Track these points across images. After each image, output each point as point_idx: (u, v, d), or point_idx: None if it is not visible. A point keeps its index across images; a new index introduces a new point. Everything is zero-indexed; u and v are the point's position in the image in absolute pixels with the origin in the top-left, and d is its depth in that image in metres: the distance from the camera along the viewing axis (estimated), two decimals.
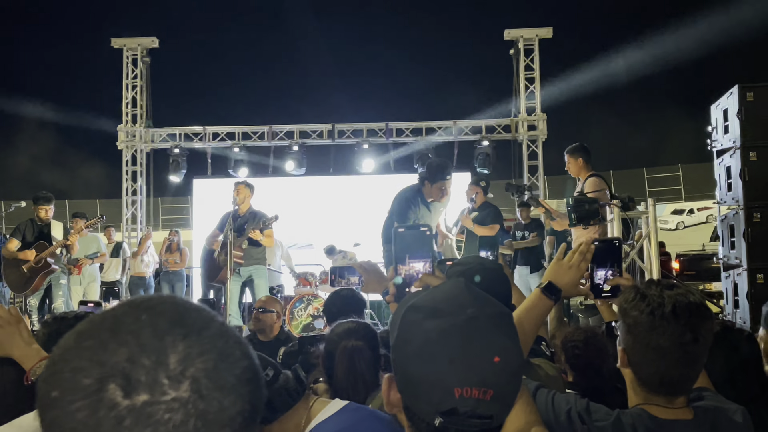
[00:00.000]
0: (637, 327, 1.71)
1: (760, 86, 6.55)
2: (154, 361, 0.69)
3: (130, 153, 13.93)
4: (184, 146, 13.81)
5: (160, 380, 0.68)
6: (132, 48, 13.89)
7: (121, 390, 0.67)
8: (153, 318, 0.73)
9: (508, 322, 1.19)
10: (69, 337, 0.73)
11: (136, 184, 14.00)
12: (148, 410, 0.67)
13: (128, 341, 0.70)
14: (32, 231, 8.01)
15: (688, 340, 1.68)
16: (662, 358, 1.68)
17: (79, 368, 0.69)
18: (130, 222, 13.94)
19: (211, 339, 0.73)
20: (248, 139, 13.90)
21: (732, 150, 6.66)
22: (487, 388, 1.09)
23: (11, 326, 1.95)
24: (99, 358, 0.69)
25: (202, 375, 0.70)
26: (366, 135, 13.76)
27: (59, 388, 0.69)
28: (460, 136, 13.72)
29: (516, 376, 1.16)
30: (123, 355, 0.69)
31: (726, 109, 6.78)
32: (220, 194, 12.78)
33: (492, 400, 1.09)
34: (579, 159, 6.65)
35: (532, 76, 13.58)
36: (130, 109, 13.92)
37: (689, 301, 1.71)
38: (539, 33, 13.60)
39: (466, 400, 1.09)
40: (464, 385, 1.09)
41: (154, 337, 0.71)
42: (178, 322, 0.73)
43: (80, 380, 0.68)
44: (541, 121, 13.50)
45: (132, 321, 0.72)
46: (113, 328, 0.72)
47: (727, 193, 6.80)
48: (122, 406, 0.67)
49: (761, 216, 6.36)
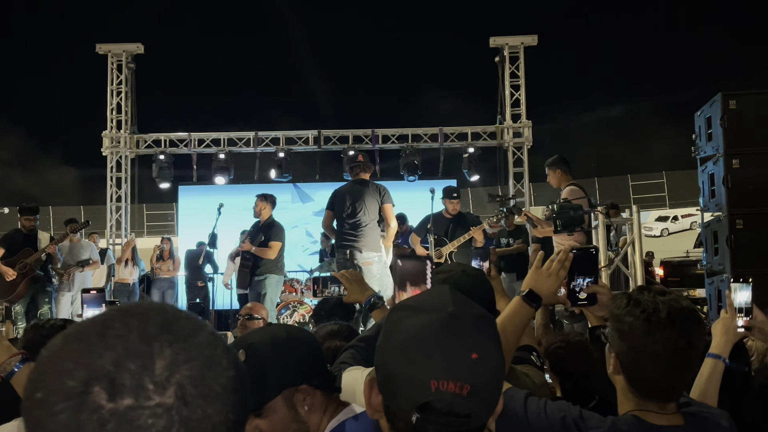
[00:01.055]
0: (632, 333, 1.72)
1: (743, 94, 6.61)
2: (139, 366, 0.69)
3: (115, 159, 13.84)
4: (169, 152, 13.75)
5: (145, 385, 0.68)
6: (117, 54, 13.82)
7: (106, 393, 0.67)
8: (141, 323, 0.73)
9: (489, 324, 1.22)
10: (57, 339, 0.73)
11: (120, 190, 13.92)
12: (132, 414, 0.67)
13: (115, 345, 0.70)
14: (18, 241, 8.10)
15: (682, 346, 1.69)
16: (657, 363, 1.69)
17: (65, 370, 0.69)
18: (115, 228, 13.85)
19: (198, 347, 0.73)
20: (234, 146, 13.86)
21: (715, 157, 6.72)
22: (463, 383, 1.11)
23: None
24: (85, 361, 0.69)
25: (188, 382, 0.70)
26: (352, 141, 13.75)
27: (44, 390, 0.69)
28: (445, 143, 13.74)
29: (495, 377, 1.17)
30: (109, 359, 0.69)
31: (709, 116, 6.84)
32: (206, 201, 12.77)
33: (469, 396, 1.11)
34: (557, 170, 6.78)
35: (518, 83, 13.63)
36: (115, 115, 13.84)
37: (683, 307, 1.73)
38: (524, 41, 13.65)
39: (442, 394, 1.10)
40: (440, 378, 1.11)
41: (141, 342, 0.71)
42: (167, 328, 0.73)
43: (65, 382, 0.68)
44: (526, 128, 13.54)
45: (120, 326, 0.72)
46: (101, 332, 0.72)
47: (711, 200, 6.85)
48: (106, 409, 0.67)
49: (744, 223, 6.42)
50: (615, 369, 1.77)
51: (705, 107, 6.97)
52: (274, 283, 8.28)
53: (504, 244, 10.02)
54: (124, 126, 13.82)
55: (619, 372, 1.76)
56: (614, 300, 1.84)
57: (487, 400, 1.15)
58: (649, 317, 1.69)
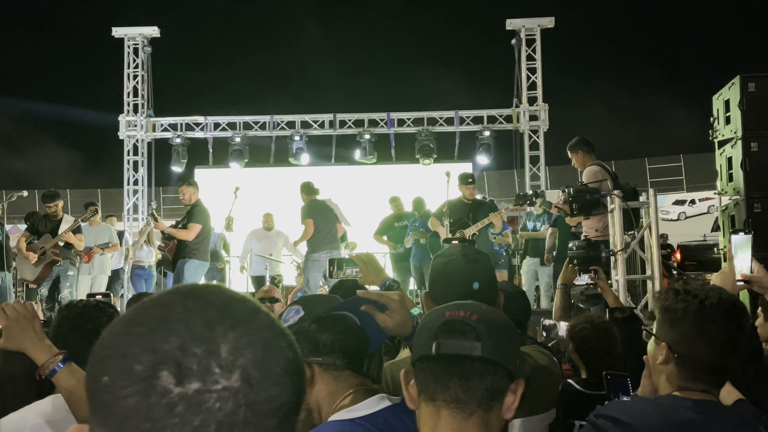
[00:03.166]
0: (686, 317, 1.75)
1: (762, 77, 6.54)
2: (205, 350, 0.70)
3: (132, 143, 13.93)
4: (186, 136, 13.81)
5: (211, 369, 0.69)
6: (133, 37, 13.87)
7: (173, 377, 0.68)
8: (201, 307, 0.73)
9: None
10: (118, 323, 0.74)
11: (137, 174, 14.01)
12: (200, 398, 0.68)
13: (179, 329, 0.71)
14: (44, 225, 8.40)
15: (733, 329, 1.75)
16: (711, 346, 1.73)
17: (130, 354, 0.69)
18: (132, 212, 13.96)
19: (259, 330, 0.74)
20: (249, 129, 13.90)
21: (733, 140, 6.66)
22: (472, 312, 1.38)
23: (27, 321, 2.00)
24: (150, 345, 0.69)
25: (252, 365, 0.71)
26: (367, 125, 13.75)
27: (110, 373, 0.69)
28: (461, 126, 13.70)
29: (501, 318, 1.44)
30: (174, 343, 0.69)
31: (728, 99, 6.77)
32: (222, 184, 12.81)
33: (477, 322, 1.36)
34: (579, 152, 6.70)
35: (534, 66, 13.55)
36: (132, 98, 13.92)
37: (729, 295, 1.81)
38: (541, 23, 13.56)
39: (455, 318, 1.37)
40: (452, 310, 1.40)
41: (204, 326, 0.71)
42: (227, 312, 0.74)
43: (131, 366, 0.69)
44: (542, 111, 13.48)
45: (181, 310, 0.73)
46: (163, 315, 0.72)
47: (728, 183, 6.80)
48: (174, 393, 0.67)
49: (762, 206, 6.37)
50: (666, 358, 1.78)
51: (723, 90, 6.90)
52: (193, 269, 8.19)
53: (531, 228, 9.99)
54: (141, 110, 13.89)
55: (669, 361, 1.77)
56: (661, 295, 1.88)
57: (494, 336, 1.35)
58: (702, 302, 1.74)
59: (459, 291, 2.04)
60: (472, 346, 1.32)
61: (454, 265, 2.14)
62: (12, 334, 1.99)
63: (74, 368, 1.96)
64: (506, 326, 1.41)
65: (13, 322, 1.98)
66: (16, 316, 1.99)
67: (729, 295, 1.79)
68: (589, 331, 3.22)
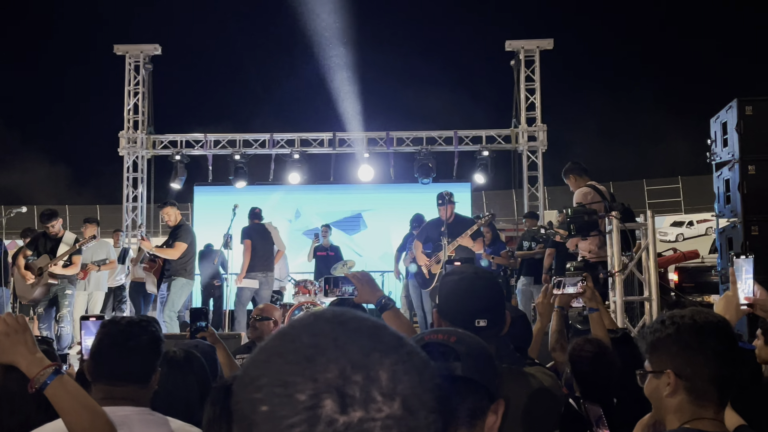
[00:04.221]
0: (682, 337, 1.77)
1: (759, 100, 6.58)
2: (365, 377, 0.69)
3: (131, 159, 13.95)
4: (185, 153, 13.84)
5: (374, 397, 0.68)
6: (134, 55, 13.93)
7: (337, 406, 0.67)
8: (352, 334, 0.73)
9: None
10: (266, 352, 0.73)
11: (136, 190, 14.03)
12: (364, 427, 0.67)
13: (337, 357, 0.70)
14: (44, 244, 8.27)
15: (729, 341, 1.78)
16: (714, 357, 1.74)
17: (291, 383, 0.69)
18: (131, 228, 13.95)
19: (410, 356, 0.74)
20: (249, 147, 13.93)
21: (731, 163, 6.69)
22: (450, 335, 1.43)
23: (18, 334, 1.97)
24: (311, 374, 0.69)
25: (410, 392, 0.70)
26: (367, 144, 13.79)
27: (270, 403, 0.69)
28: (460, 146, 13.75)
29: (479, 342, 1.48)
30: (334, 371, 0.69)
31: (725, 122, 6.82)
32: (221, 201, 12.82)
33: (456, 344, 1.40)
34: (570, 176, 6.77)
35: (533, 87, 13.62)
36: (132, 115, 13.95)
37: (712, 314, 1.86)
38: (540, 44, 13.64)
39: (434, 341, 1.41)
40: (431, 334, 1.45)
41: (360, 353, 0.71)
42: (376, 338, 0.73)
43: (294, 395, 0.68)
44: (541, 131, 13.53)
45: (334, 337, 0.72)
46: (317, 343, 0.71)
47: (726, 205, 6.83)
48: (340, 422, 0.67)
49: (759, 229, 6.39)
50: (674, 387, 1.76)
51: (721, 112, 6.94)
52: (180, 287, 8.28)
53: (526, 247, 10.01)
54: (141, 126, 13.93)
55: (677, 389, 1.76)
56: (647, 330, 1.88)
57: (473, 357, 1.39)
58: (693, 319, 1.78)
59: (470, 309, 2.06)
60: (453, 366, 1.37)
61: (465, 284, 2.15)
62: (2, 348, 1.96)
63: (66, 380, 1.94)
64: (483, 348, 1.46)
65: (3, 335, 1.96)
66: (7, 330, 1.96)
67: (711, 313, 1.84)
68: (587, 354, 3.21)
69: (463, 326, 1.98)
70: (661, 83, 53.86)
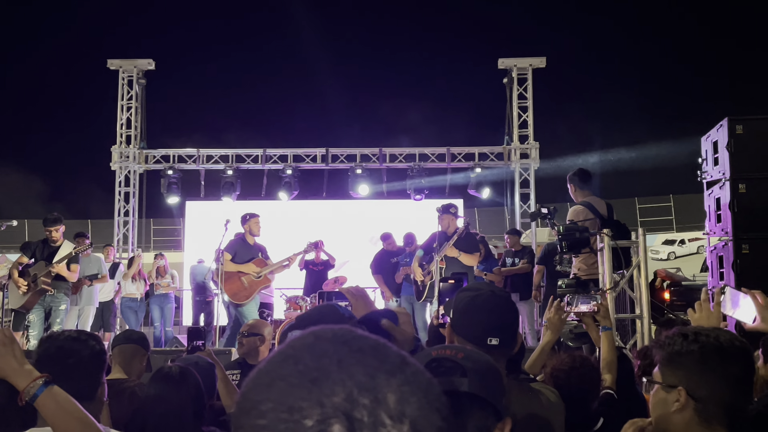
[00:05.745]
0: (706, 359, 1.71)
1: (750, 119, 6.63)
2: (372, 400, 0.68)
3: (124, 174, 13.93)
4: (178, 168, 13.83)
5: (382, 420, 0.67)
6: (128, 69, 13.94)
7: (346, 430, 0.66)
8: (355, 355, 0.71)
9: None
10: (267, 375, 0.71)
11: (128, 204, 13.99)
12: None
13: (343, 380, 0.68)
14: (41, 251, 8.08)
15: (750, 369, 1.75)
16: (734, 386, 1.69)
17: (297, 408, 0.67)
18: (122, 243, 13.90)
19: (415, 376, 0.72)
20: (242, 162, 13.94)
21: (721, 182, 6.73)
22: (457, 351, 1.43)
23: (5, 347, 1.95)
24: (317, 398, 0.67)
25: (418, 414, 0.69)
26: (359, 160, 13.81)
27: (275, 430, 0.67)
28: (452, 163, 13.79)
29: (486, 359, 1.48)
30: (341, 395, 0.67)
31: (716, 141, 6.86)
32: (213, 217, 12.80)
33: (463, 360, 1.39)
34: (571, 185, 6.66)
35: (525, 104, 13.68)
36: (125, 130, 13.94)
37: (734, 335, 1.79)
38: (533, 62, 13.72)
39: (442, 356, 1.41)
40: (439, 350, 1.44)
41: (366, 375, 0.69)
42: (381, 359, 0.72)
43: (301, 421, 0.66)
44: (533, 149, 13.58)
45: (338, 358, 0.70)
46: (320, 366, 0.70)
47: (717, 224, 6.85)
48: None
49: (750, 248, 6.41)
50: (684, 404, 1.71)
51: (712, 131, 6.98)
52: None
53: (509, 263, 10.02)
54: (134, 141, 13.92)
55: (687, 407, 1.71)
56: (664, 342, 1.81)
57: (480, 373, 1.38)
58: (719, 341, 1.72)
59: (484, 326, 2.07)
60: (459, 381, 1.35)
61: (481, 301, 2.15)
62: None
63: (56, 391, 1.92)
64: (491, 366, 1.44)
65: None
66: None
67: (734, 335, 1.77)
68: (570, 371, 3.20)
69: (475, 343, 1.99)
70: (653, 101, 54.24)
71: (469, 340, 2.05)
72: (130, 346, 3.88)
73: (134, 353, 3.86)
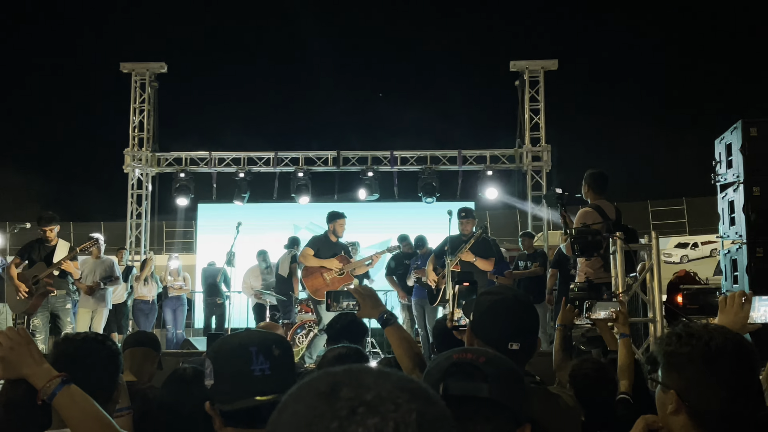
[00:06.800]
0: (693, 362, 1.66)
1: (764, 121, 6.59)
2: None
3: (136, 176, 13.99)
4: (190, 171, 13.88)
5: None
6: (140, 73, 14.01)
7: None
8: (382, 380, 0.74)
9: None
10: (299, 411, 0.74)
11: (141, 207, 14.05)
12: None
13: (370, 414, 0.71)
14: (38, 252, 7.90)
15: (745, 370, 1.67)
16: (723, 390, 1.64)
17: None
18: (134, 245, 13.96)
19: (443, 409, 0.76)
20: (254, 165, 13.97)
21: (735, 184, 6.68)
22: (479, 355, 1.40)
23: (21, 347, 1.96)
24: None
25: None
26: (371, 163, 13.81)
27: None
28: (464, 166, 13.77)
29: (508, 363, 1.45)
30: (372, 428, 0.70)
31: (730, 143, 6.81)
32: (225, 219, 12.85)
33: (485, 364, 1.37)
34: (585, 186, 6.58)
35: (537, 107, 13.65)
36: (137, 132, 14.01)
37: (734, 334, 1.71)
38: (545, 65, 13.69)
39: (463, 360, 1.38)
40: (460, 353, 1.41)
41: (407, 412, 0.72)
42: (417, 394, 0.75)
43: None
44: (545, 152, 13.54)
45: (360, 392, 0.73)
46: (352, 395, 0.73)
47: (731, 227, 6.81)
48: None
49: (764, 251, 6.36)
50: (676, 408, 1.68)
51: (725, 134, 6.94)
52: None
53: (522, 266, 9.99)
54: (146, 144, 13.98)
55: (680, 410, 1.68)
56: (662, 341, 1.78)
57: (501, 379, 1.36)
58: (707, 344, 1.66)
59: (506, 330, 2.06)
60: (479, 387, 1.33)
61: (504, 305, 2.14)
62: (9, 363, 1.95)
63: (74, 390, 1.92)
64: (513, 371, 1.42)
65: (8, 350, 1.94)
66: (11, 344, 1.95)
67: (734, 334, 1.70)
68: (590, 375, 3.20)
69: (495, 346, 1.98)
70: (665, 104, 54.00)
71: (489, 343, 2.04)
72: (140, 349, 3.88)
73: (145, 356, 3.86)
